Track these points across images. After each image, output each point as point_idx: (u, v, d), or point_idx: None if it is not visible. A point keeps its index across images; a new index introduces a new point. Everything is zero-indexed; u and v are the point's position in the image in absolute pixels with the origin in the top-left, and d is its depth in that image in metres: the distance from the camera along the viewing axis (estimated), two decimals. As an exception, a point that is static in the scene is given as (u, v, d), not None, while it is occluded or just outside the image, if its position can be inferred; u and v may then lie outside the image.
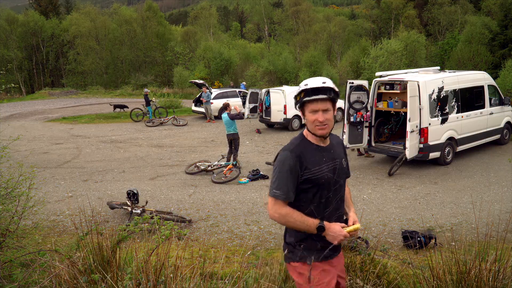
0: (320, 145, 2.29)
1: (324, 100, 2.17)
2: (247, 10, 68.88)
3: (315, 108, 2.17)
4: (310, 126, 2.23)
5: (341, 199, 2.35)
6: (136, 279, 2.59)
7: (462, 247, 3.23)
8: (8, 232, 3.73)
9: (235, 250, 5.42)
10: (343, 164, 2.35)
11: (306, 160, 2.21)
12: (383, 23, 45.90)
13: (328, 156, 2.28)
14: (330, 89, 2.18)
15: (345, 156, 2.41)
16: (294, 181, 2.20)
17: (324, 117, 2.17)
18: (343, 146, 2.46)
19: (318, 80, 2.20)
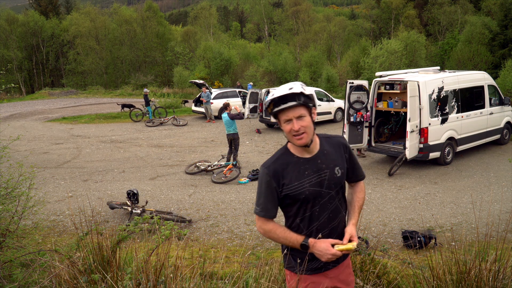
0: (303, 157, 2.10)
1: (294, 107, 1.99)
2: (247, 10, 68.90)
3: (287, 118, 2.01)
4: (288, 137, 2.06)
5: (335, 211, 2.14)
6: (136, 279, 2.59)
7: (462, 247, 3.23)
8: (8, 232, 3.73)
9: (235, 250, 5.42)
10: (336, 173, 2.11)
11: (284, 176, 2.08)
12: (383, 23, 45.89)
13: (311, 169, 2.08)
14: (299, 94, 1.99)
15: (342, 162, 2.16)
16: (272, 198, 2.11)
17: (299, 125, 1.99)
18: (343, 149, 2.19)
19: (285, 87, 2.03)
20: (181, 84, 35.72)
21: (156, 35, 47.24)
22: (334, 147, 2.18)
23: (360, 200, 2.25)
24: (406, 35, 33.42)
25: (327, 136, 2.23)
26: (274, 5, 56.48)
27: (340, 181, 2.15)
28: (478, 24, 32.36)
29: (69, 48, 46.79)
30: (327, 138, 2.22)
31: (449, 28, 40.15)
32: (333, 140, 2.21)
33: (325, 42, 43.84)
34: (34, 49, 46.51)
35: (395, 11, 43.50)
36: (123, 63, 46.93)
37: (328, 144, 2.18)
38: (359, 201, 2.24)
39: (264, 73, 34.97)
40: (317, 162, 2.10)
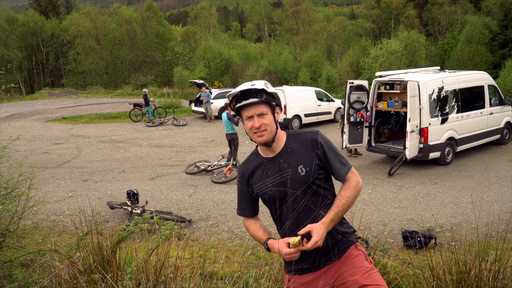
0: (266, 157, 2.09)
1: (256, 103, 1.95)
2: (247, 10, 68.92)
3: (248, 114, 1.98)
4: (249, 134, 2.03)
5: (305, 211, 2.05)
6: (136, 279, 2.59)
7: (462, 247, 3.23)
8: (8, 232, 3.73)
9: (235, 250, 5.42)
10: (299, 172, 2.00)
11: (251, 176, 2.12)
12: (383, 23, 45.91)
13: (273, 169, 2.05)
14: (261, 90, 1.96)
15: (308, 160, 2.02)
16: (245, 198, 2.18)
17: (260, 122, 1.96)
18: (312, 145, 2.04)
19: (247, 83, 2.01)
20: (181, 84, 35.73)
21: (156, 35, 47.26)
22: (301, 144, 2.05)
23: (342, 198, 2.03)
24: (406, 35, 33.44)
25: (296, 133, 2.12)
26: (274, 5, 56.48)
27: (305, 180, 2.01)
28: (478, 24, 32.38)
29: (69, 48, 46.81)
30: (296, 135, 2.10)
31: (449, 28, 40.17)
32: (302, 137, 2.08)
33: (325, 42, 43.86)
34: (34, 49, 46.53)
35: (395, 11, 43.52)
36: (123, 63, 46.95)
37: (295, 141, 2.07)
38: (341, 200, 2.03)
39: (264, 73, 34.98)
40: (279, 162, 2.05)
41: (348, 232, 2.14)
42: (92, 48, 45.01)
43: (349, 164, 2.10)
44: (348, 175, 2.07)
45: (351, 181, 2.06)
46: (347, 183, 2.07)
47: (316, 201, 2.06)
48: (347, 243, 2.12)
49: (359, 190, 2.09)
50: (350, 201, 2.05)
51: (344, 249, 2.11)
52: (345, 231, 2.13)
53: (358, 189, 2.07)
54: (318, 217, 2.06)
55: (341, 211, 2.02)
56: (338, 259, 2.10)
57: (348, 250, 2.11)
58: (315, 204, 2.06)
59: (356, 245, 2.14)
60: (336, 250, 2.09)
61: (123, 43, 46.31)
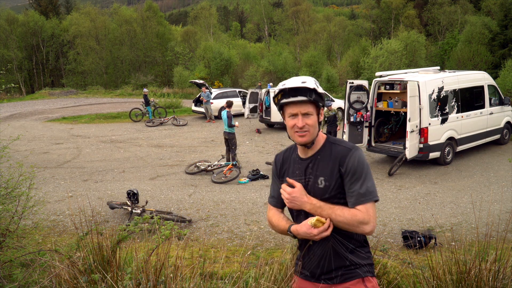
0: (300, 156, 2.02)
1: (303, 102, 1.86)
2: (247, 10, 68.93)
3: (293, 112, 1.89)
4: (289, 132, 1.94)
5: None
6: (136, 279, 2.59)
7: (462, 247, 3.23)
8: (8, 232, 3.73)
9: (235, 250, 5.42)
10: (318, 184, 1.92)
11: (283, 168, 2.08)
12: (383, 23, 45.91)
13: (300, 170, 1.99)
14: (311, 90, 1.86)
15: (330, 175, 1.91)
16: (276, 187, 2.11)
17: (304, 122, 1.87)
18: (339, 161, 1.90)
19: (297, 79, 1.89)
20: (181, 84, 35.71)
21: (156, 35, 47.25)
22: (331, 156, 1.93)
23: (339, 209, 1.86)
24: (406, 35, 33.43)
25: (334, 142, 1.99)
26: (274, 5, 56.49)
27: (322, 193, 1.91)
28: (478, 24, 32.37)
29: (69, 48, 46.79)
30: (333, 144, 1.97)
31: (449, 28, 40.16)
32: (336, 149, 1.95)
33: (325, 42, 43.86)
34: (34, 49, 46.52)
35: (395, 11, 43.51)
36: (123, 63, 46.94)
37: (329, 150, 1.96)
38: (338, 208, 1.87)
39: (264, 73, 34.98)
40: (307, 166, 1.98)
41: (360, 263, 1.96)
42: (92, 48, 44.99)
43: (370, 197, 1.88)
44: (360, 207, 1.85)
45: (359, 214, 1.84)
46: (355, 211, 1.86)
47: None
48: (353, 273, 1.95)
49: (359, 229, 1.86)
50: (341, 220, 1.85)
51: (348, 278, 1.95)
52: (356, 261, 1.96)
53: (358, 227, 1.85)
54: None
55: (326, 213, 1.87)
56: (338, 283, 1.97)
57: (352, 281, 1.95)
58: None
59: (364, 279, 1.95)
60: (339, 274, 1.96)
61: (123, 43, 46.30)
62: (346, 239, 1.95)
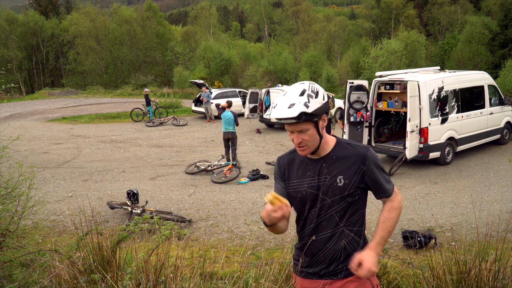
0: (309, 157, 2.03)
1: (294, 123, 1.86)
2: (247, 10, 68.93)
3: (289, 129, 1.92)
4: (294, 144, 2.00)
5: (330, 220, 1.99)
6: (136, 279, 2.59)
7: (462, 247, 3.23)
8: (8, 232, 3.73)
9: (235, 250, 5.42)
10: (337, 182, 1.95)
11: (290, 171, 2.08)
12: (383, 23, 45.89)
13: (313, 171, 2.00)
14: (299, 115, 1.82)
15: (350, 173, 1.95)
16: (280, 189, 2.10)
17: (300, 138, 1.89)
18: (360, 160, 1.96)
19: (285, 103, 1.85)
20: (181, 84, 35.71)
21: (156, 35, 47.24)
22: (349, 155, 1.98)
23: (386, 220, 1.98)
24: (406, 35, 33.42)
25: (347, 143, 2.04)
26: (274, 5, 56.47)
27: (341, 191, 1.95)
28: (478, 24, 32.36)
29: (69, 48, 46.78)
30: (347, 144, 2.02)
31: (449, 28, 40.15)
32: (352, 148, 2.00)
33: (325, 42, 43.86)
34: (34, 49, 46.51)
35: (395, 11, 43.50)
36: (123, 63, 46.93)
37: (344, 150, 2.00)
38: (385, 222, 1.98)
39: (264, 73, 34.97)
40: (321, 166, 1.99)
41: None
42: (92, 48, 44.98)
43: (392, 183, 2.05)
44: (392, 196, 2.02)
45: (394, 201, 2.02)
46: (390, 204, 2.02)
47: (343, 215, 1.99)
48: None
49: (401, 209, 2.04)
50: (395, 223, 2.00)
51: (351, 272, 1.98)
52: None
53: (401, 209, 2.03)
54: (341, 234, 2.00)
55: (387, 234, 1.97)
56: (342, 278, 2.01)
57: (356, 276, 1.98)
58: (341, 218, 1.99)
59: None
60: (344, 268, 2.01)
61: (123, 43, 46.30)
62: (358, 236, 2.04)
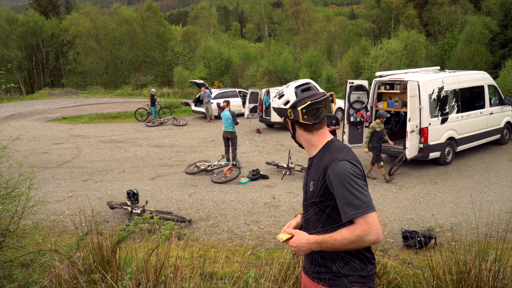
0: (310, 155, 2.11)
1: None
2: (247, 10, 68.89)
3: None
4: None
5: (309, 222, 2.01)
6: (136, 279, 2.59)
7: (462, 247, 3.23)
8: (8, 232, 3.73)
9: (235, 250, 5.42)
10: (310, 187, 1.96)
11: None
12: (383, 23, 45.88)
13: (308, 169, 2.08)
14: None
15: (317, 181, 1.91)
16: None
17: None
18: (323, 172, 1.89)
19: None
20: (181, 84, 35.70)
21: (156, 35, 47.23)
22: (320, 163, 1.94)
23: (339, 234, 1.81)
24: (406, 35, 33.41)
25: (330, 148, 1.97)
26: (274, 5, 56.46)
27: (311, 196, 1.94)
28: (478, 24, 32.35)
29: (69, 48, 46.77)
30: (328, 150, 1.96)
31: (449, 28, 40.14)
32: (325, 157, 1.93)
33: (325, 42, 43.83)
34: (34, 49, 46.50)
35: (395, 11, 43.49)
36: (123, 63, 46.93)
37: (322, 156, 1.96)
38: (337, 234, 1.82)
39: (264, 73, 34.97)
40: (310, 165, 2.06)
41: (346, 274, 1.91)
42: (92, 48, 44.97)
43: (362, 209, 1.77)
44: (356, 221, 1.79)
45: (358, 228, 1.78)
46: (353, 227, 1.80)
47: (317, 221, 1.96)
48: (340, 281, 1.91)
49: (365, 243, 1.79)
50: (344, 243, 1.80)
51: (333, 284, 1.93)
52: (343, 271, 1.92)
53: (363, 241, 1.78)
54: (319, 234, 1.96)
55: (330, 244, 1.84)
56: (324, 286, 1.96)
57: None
58: (316, 223, 1.97)
59: None
60: (327, 277, 1.95)
61: (123, 43, 46.28)
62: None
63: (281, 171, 9.87)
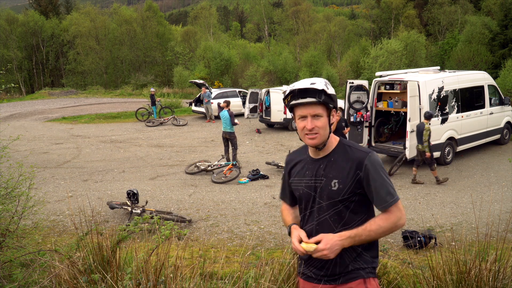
0: (311, 157, 2.01)
1: (313, 104, 1.84)
2: (247, 10, 68.93)
3: (303, 114, 1.88)
4: (300, 134, 1.94)
5: (323, 224, 1.95)
6: (136, 279, 2.59)
7: (462, 247, 3.23)
8: (8, 232, 3.73)
9: (235, 250, 5.42)
10: (331, 186, 1.90)
11: (293, 168, 2.08)
12: (383, 23, 45.90)
13: (311, 171, 1.97)
14: (320, 91, 1.84)
15: (345, 177, 1.89)
16: (285, 185, 2.18)
17: (314, 124, 1.86)
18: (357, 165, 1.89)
19: (307, 81, 1.88)
20: (181, 84, 35.71)
21: (156, 35, 47.24)
22: (347, 159, 1.92)
23: (374, 224, 1.86)
24: (406, 35, 33.43)
25: (348, 145, 1.97)
26: (274, 5, 56.50)
27: (334, 196, 1.90)
28: (478, 24, 32.37)
29: (69, 48, 46.76)
30: (347, 147, 1.96)
31: (449, 28, 40.16)
32: (352, 152, 1.93)
33: (325, 42, 43.86)
34: (34, 49, 46.49)
35: (395, 11, 43.51)
36: (123, 63, 46.93)
37: (343, 153, 1.94)
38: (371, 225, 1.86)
39: (264, 73, 34.97)
40: (319, 167, 1.96)
41: (361, 267, 1.96)
42: (92, 48, 44.97)
43: (396, 196, 1.89)
44: (391, 208, 1.87)
45: (392, 214, 1.87)
46: (386, 215, 1.88)
47: (338, 220, 1.93)
48: (356, 273, 1.95)
49: (398, 227, 1.89)
50: (381, 232, 1.87)
51: (351, 278, 1.95)
52: (359, 266, 1.96)
53: (396, 226, 1.88)
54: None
55: (365, 235, 1.86)
56: (340, 284, 1.97)
57: (355, 282, 1.95)
58: (336, 223, 1.94)
59: (365, 280, 1.95)
60: (342, 275, 1.96)
61: (123, 43, 46.29)
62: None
63: (281, 171, 9.87)
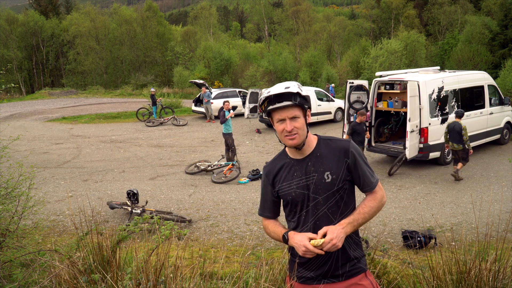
0: (294, 158, 2.06)
1: (289, 107, 1.93)
2: (247, 10, 68.99)
3: (281, 117, 1.95)
4: (280, 136, 2.01)
5: (323, 218, 2.01)
6: (136, 279, 2.59)
7: (462, 247, 3.23)
8: (8, 232, 3.73)
9: (235, 250, 5.42)
10: (325, 178, 1.98)
11: (277, 176, 2.09)
12: (383, 23, 45.92)
13: (300, 171, 2.03)
14: (295, 94, 1.93)
15: (336, 168, 1.99)
16: (267, 198, 2.16)
17: (293, 126, 1.94)
18: (343, 154, 2.01)
19: (281, 85, 1.97)
20: (181, 84, 35.72)
21: (156, 35, 47.26)
22: (332, 150, 2.03)
23: (365, 206, 2.01)
24: (406, 35, 33.45)
25: (328, 139, 2.09)
26: (274, 5, 56.53)
27: (330, 187, 1.98)
28: (478, 24, 32.39)
29: (69, 48, 46.79)
30: (328, 140, 2.08)
31: (449, 28, 40.19)
32: (334, 144, 2.06)
33: (325, 42, 43.89)
34: (34, 49, 46.51)
35: (395, 11, 43.54)
36: (123, 63, 46.94)
37: (326, 147, 2.05)
38: (363, 207, 2.01)
39: (264, 73, 34.98)
40: (307, 165, 2.02)
41: (359, 256, 2.07)
42: (92, 48, 44.98)
43: (377, 177, 2.08)
44: (376, 189, 2.05)
45: (377, 194, 2.05)
46: (373, 195, 2.05)
47: (336, 211, 2.01)
48: (358, 268, 2.04)
49: (383, 204, 2.07)
50: (373, 212, 2.02)
51: (353, 273, 2.03)
52: (358, 253, 2.07)
53: (382, 203, 2.06)
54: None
55: (361, 219, 1.98)
56: (343, 281, 2.03)
57: (358, 276, 2.03)
58: (334, 215, 2.01)
59: (367, 273, 2.06)
60: (346, 270, 2.02)
61: (123, 43, 46.30)
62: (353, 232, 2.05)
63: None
